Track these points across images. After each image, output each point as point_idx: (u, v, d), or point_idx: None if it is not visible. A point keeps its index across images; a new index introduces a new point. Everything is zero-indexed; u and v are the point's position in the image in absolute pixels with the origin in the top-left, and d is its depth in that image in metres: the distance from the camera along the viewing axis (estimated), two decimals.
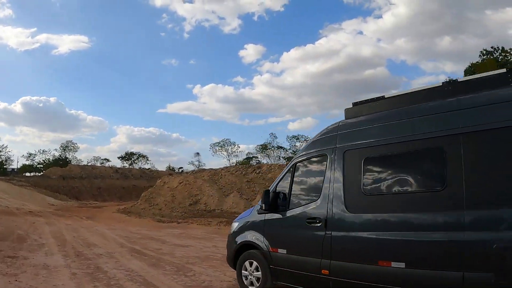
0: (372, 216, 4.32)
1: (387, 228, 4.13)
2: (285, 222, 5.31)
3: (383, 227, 4.17)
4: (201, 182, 32.42)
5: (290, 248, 5.19)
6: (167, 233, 17.26)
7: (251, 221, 5.99)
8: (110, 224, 20.58)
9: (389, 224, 4.13)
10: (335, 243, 4.54)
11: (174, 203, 29.59)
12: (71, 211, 28.15)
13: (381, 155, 4.45)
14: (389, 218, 4.16)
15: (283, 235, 5.33)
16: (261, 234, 5.66)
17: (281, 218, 5.37)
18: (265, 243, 5.52)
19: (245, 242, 5.93)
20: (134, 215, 25.81)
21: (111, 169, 55.00)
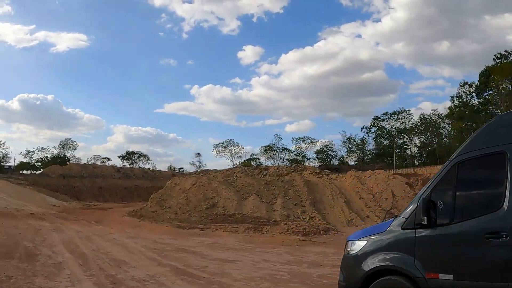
0: None
1: None
2: (451, 238, 4.18)
3: None
4: (216, 184, 29.77)
5: (459, 272, 4.06)
6: (197, 243, 14.89)
7: (390, 239, 4.69)
8: (125, 231, 17.93)
9: None
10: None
11: (189, 207, 26.87)
12: (75, 214, 25.33)
13: None
14: None
15: (448, 255, 4.18)
16: (409, 255, 4.41)
17: (444, 234, 4.21)
18: (417, 267, 4.29)
19: (383, 266, 4.61)
20: (148, 219, 23.08)
21: (112, 168, 52.06)
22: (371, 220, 22.45)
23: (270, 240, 16.28)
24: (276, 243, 15.01)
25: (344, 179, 34.31)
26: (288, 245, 14.21)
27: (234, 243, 14.73)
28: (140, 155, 67.06)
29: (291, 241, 15.34)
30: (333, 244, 13.92)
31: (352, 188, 31.05)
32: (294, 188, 29.70)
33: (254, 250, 12.85)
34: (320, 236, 17.33)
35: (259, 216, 25.20)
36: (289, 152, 69.48)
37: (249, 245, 14.28)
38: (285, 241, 15.37)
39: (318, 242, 15.09)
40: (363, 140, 69.95)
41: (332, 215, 24.95)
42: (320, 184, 32.19)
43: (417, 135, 66.54)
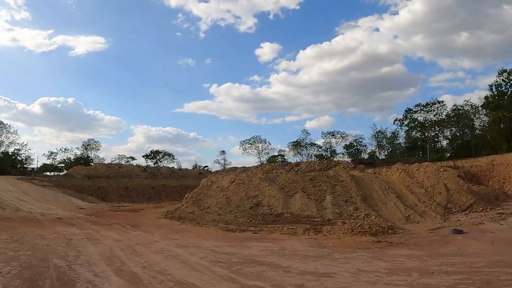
0: None
1: None
2: None
3: None
4: (257, 181, 26.51)
5: None
6: (261, 250, 12.10)
7: None
8: (170, 237, 14.81)
9: None
10: None
11: (231, 206, 23.67)
12: (106, 217, 22.35)
13: None
14: None
15: None
16: None
17: None
18: None
19: None
20: (189, 221, 19.97)
21: (138, 167, 49.38)
22: (429, 216, 20.63)
23: (341, 243, 13.64)
24: (350, 246, 12.68)
25: (390, 173, 31.44)
26: (364, 248, 12.19)
27: (304, 249, 12.29)
28: (164, 154, 64.50)
29: (365, 243, 12.99)
30: (414, 245, 12.38)
31: (401, 182, 28.18)
32: (340, 183, 26.62)
33: (334, 257, 10.64)
34: (390, 236, 14.99)
35: (310, 215, 22.10)
36: (318, 147, 65.76)
37: (322, 250, 11.91)
38: (359, 244, 12.98)
39: (396, 243, 12.91)
40: (394, 134, 65.72)
41: (386, 212, 22.14)
42: (366, 179, 28.96)
43: (448, 127, 62.07)
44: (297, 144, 65.22)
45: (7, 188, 30.80)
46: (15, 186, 32.07)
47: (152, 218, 22.27)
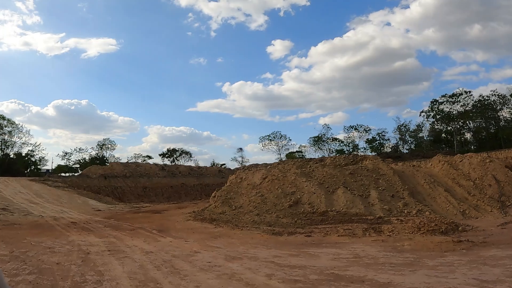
0: None
1: None
2: None
3: None
4: (293, 177, 23.33)
5: None
6: (331, 258, 9.60)
7: None
8: (209, 244, 11.72)
9: None
10: None
11: (267, 205, 20.53)
12: (127, 220, 19.33)
13: None
14: None
15: None
16: None
17: None
18: None
19: None
20: (223, 223, 16.84)
21: (156, 166, 46.54)
22: (485, 211, 18.99)
23: (418, 245, 11.13)
24: (431, 248, 10.36)
25: (431, 165, 28.17)
26: (450, 250, 10.03)
27: (382, 255, 9.72)
28: (182, 152, 61.69)
29: (446, 244, 10.71)
30: (502, 244, 10.51)
31: (445, 175, 25.35)
32: (383, 177, 23.54)
33: (427, 263, 8.26)
34: (461, 234, 12.97)
35: (358, 212, 18.86)
36: (340, 142, 62.20)
37: (404, 255, 9.49)
38: (438, 245, 10.62)
39: (478, 242, 10.88)
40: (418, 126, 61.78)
41: (438, 207, 19.83)
42: (407, 172, 25.70)
43: (472, 118, 58.04)
44: (318, 139, 61.82)
45: (19, 190, 28.11)
46: (27, 188, 29.37)
47: (180, 220, 19.19)
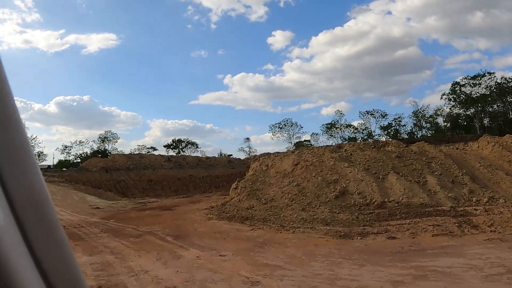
0: None
1: None
2: None
3: None
4: (331, 162, 18.70)
5: None
6: (477, 275, 5.46)
7: None
8: (260, 260, 7.09)
9: None
10: None
11: (308, 197, 15.90)
12: (131, 220, 14.65)
13: None
14: None
15: None
16: None
17: None
18: None
19: None
20: (258, 223, 12.22)
21: (162, 157, 41.80)
22: None
23: None
24: None
25: (478, 147, 23.36)
26: None
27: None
28: (188, 142, 56.85)
29: None
30: None
31: (498, 158, 21.17)
32: (434, 161, 18.86)
33: None
34: None
35: (423, 202, 14.91)
36: (353, 128, 57.50)
37: None
38: None
39: None
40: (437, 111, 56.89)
41: (505, 193, 16.08)
42: (454, 154, 21.08)
43: (491, 102, 53.30)
44: (331, 126, 57.07)
45: None
46: None
47: (199, 219, 14.53)
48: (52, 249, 0.66)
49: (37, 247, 0.64)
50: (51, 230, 0.66)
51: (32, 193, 0.65)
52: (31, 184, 0.65)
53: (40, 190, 0.66)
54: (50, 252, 0.65)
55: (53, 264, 0.65)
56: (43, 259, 0.64)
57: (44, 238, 0.65)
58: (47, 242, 0.66)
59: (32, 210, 0.64)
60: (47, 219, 0.66)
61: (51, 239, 0.66)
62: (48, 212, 0.66)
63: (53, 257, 0.66)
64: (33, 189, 0.65)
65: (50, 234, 0.66)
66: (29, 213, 0.64)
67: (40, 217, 0.65)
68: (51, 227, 0.66)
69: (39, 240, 0.64)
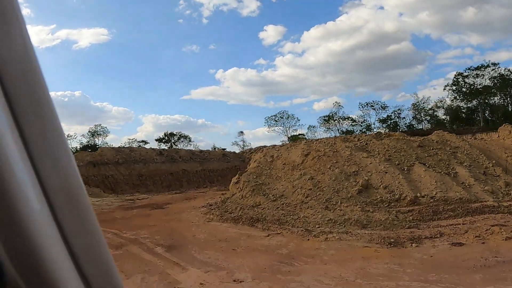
0: None
1: None
2: None
3: None
4: (347, 151, 16.11)
5: None
6: None
7: None
8: (282, 285, 4.17)
9: None
10: None
11: (325, 192, 13.27)
12: (113, 223, 11.78)
13: None
14: None
15: None
16: None
17: None
18: None
19: None
20: (274, 225, 9.50)
21: (153, 151, 38.75)
22: None
23: None
24: None
25: (498, 137, 21.75)
26: None
27: None
28: (180, 136, 53.79)
29: None
30: None
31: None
32: (458, 151, 16.42)
33: None
34: None
35: (461, 197, 12.64)
36: (352, 121, 55.09)
37: None
38: None
39: None
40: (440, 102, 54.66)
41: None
42: (476, 145, 18.94)
43: (492, 94, 51.42)
44: (329, 118, 54.53)
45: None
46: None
47: (196, 221, 11.77)
48: (84, 235, 0.65)
49: (69, 232, 0.63)
50: (83, 216, 0.65)
51: (65, 180, 0.64)
52: (64, 170, 0.64)
53: (74, 177, 0.64)
54: (82, 238, 0.64)
55: (84, 250, 0.65)
56: (75, 246, 0.64)
57: (77, 224, 0.64)
58: (80, 228, 0.64)
59: (65, 196, 0.63)
60: (80, 205, 0.64)
61: (84, 225, 0.65)
62: (81, 198, 0.65)
63: (85, 244, 0.65)
64: (66, 175, 0.64)
65: (83, 220, 0.65)
66: (62, 198, 0.62)
67: (73, 204, 0.64)
68: (84, 213, 0.65)
69: (71, 225, 0.63)
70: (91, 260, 0.65)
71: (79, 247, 0.63)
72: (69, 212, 0.62)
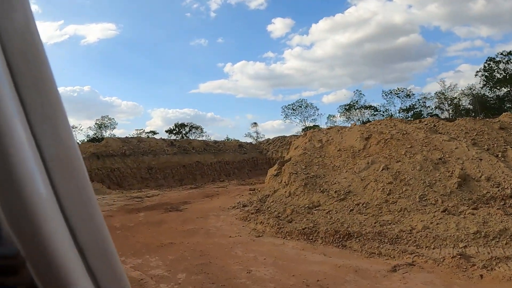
0: None
1: None
2: None
3: None
4: (421, 134, 11.66)
5: None
6: None
7: None
8: None
9: None
10: None
11: (411, 186, 8.84)
12: (113, 239, 7.36)
13: None
14: None
15: None
16: None
17: None
18: None
19: None
20: (374, 242, 4.95)
21: (164, 141, 34.58)
22: None
23: None
24: None
25: None
26: None
27: None
28: (191, 126, 49.56)
29: None
30: None
31: None
32: None
33: None
34: None
35: None
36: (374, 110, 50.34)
37: None
38: None
39: None
40: (470, 89, 49.34)
41: None
42: None
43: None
44: (350, 107, 49.80)
45: None
46: None
47: (235, 233, 7.46)
48: (82, 206, 0.62)
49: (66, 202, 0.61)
50: (81, 186, 0.63)
51: (64, 149, 0.63)
52: (62, 139, 0.64)
53: (72, 147, 0.64)
54: (79, 208, 0.62)
55: (81, 221, 0.62)
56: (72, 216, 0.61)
57: (74, 193, 0.62)
58: (77, 198, 0.62)
59: (63, 165, 0.62)
60: (78, 175, 0.63)
61: (81, 196, 0.63)
62: (79, 168, 0.64)
63: (82, 214, 0.62)
64: (65, 145, 0.63)
65: (80, 191, 0.63)
66: (60, 167, 0.61)
67: (71, 173, 0.62)
68: (81, 184, 0.63)
69: (68, 194, 0.61)
70: (87, 233, 0.61)
71: (76, 218, 0.60)
72: (66, 182, 0.60)
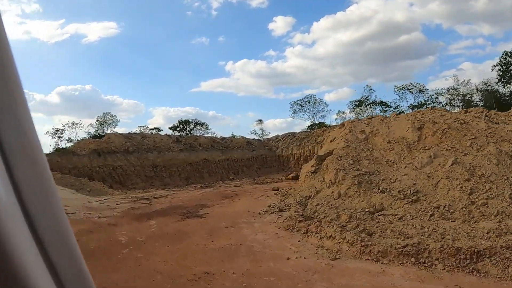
0: None
1: None
2: None
3: None
4: (483, 124, 9.50)
5: None
6: None
7: None
8: None
9: None
10: None
11: (494, 183, 6.64)
12: (119, 267, 5.27)
13: None
14: None
15: None
16: None
17: None
18: None
19: None
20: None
21: (169, 138, 32.45)
22: None
23: None
24: None
25: None
26: None
27: None
28: (196, 123, 47.31)
29: None
30: None
31: None
32: None
33: None
34: None
35: None
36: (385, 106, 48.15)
37: None
38: None
39: None
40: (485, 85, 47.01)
41: None
42: None
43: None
44: (360, 103, 47.61)
45: None
46: None
47: (295, 253, 5.35)
48: (42, 196, 0.61)
49: (25, 192, 0.59)
50: (39, 175, 0.61)
51: (23, 137, 0.61)
52: (22, 126, 0.62)
53: (31, 135, 0.62)
54: (38, 198, 0.60)
55: (41, 212, 0.60)
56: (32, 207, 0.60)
57: (33, 183, 0.60)
58: (37, 188, 0.60)
59: (22, 153, 0.60)
60: (37, 163, 0.61)
61: (41, 186, 0.61)
62: (38, 156, 0.62)
63: (42, 206, 0.60)
64: (24, 131, 0.62)
65: (40, 179, 0.61)
66: (19, 155, 0.60)
67: (30, 161, 0.61)
68: (40, 172, 0.62)
69: (27, 182, 0.60)
70: (47, 225, 0.59)
71: (35, 210, 0.58)
72: (24, 169, 0.58)
